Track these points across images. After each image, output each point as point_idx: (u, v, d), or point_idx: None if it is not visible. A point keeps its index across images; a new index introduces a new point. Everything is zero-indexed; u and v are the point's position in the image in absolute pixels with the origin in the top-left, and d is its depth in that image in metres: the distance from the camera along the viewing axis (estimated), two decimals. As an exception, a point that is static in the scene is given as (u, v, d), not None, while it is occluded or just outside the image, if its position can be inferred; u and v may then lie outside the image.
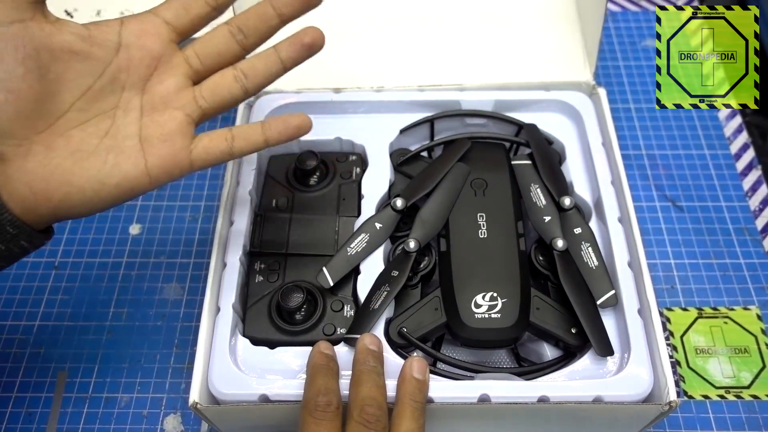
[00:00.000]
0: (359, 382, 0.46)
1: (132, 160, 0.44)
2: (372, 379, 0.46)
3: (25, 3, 0.40)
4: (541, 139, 0.60)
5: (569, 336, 0.50)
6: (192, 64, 0.48)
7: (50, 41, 0.42)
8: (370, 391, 0.45)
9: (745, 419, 0.57)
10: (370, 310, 0.51)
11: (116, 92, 0.45)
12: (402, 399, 0.45)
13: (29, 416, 0.59)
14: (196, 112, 0.47)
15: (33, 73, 0.41)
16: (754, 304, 0.63)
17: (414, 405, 0.45)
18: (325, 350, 0.48)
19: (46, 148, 0.42)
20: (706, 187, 0.70)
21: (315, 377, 0.46)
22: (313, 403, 0.44)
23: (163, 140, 0.45)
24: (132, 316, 0.64)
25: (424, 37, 0.69)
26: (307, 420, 0.44)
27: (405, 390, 0.46)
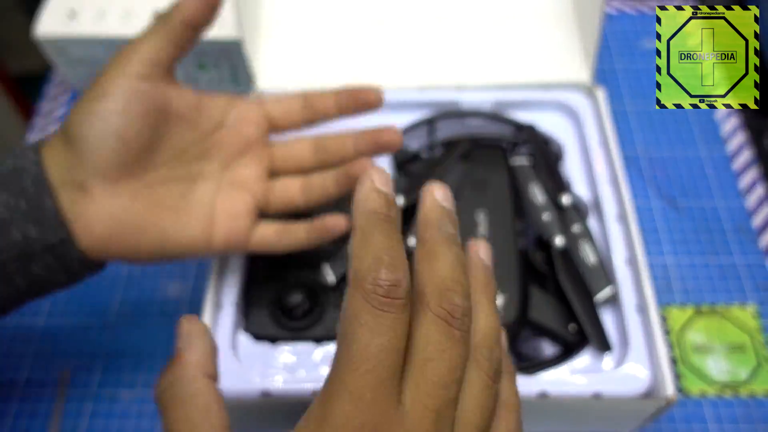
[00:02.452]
0: (434, 255, 0.31)
1: (200, 226, 0.47)
2: (453, 252, 0.31)
3: (161, 65, 0.44)
4: (540, 139, 0.61)
5: (568, 332, 0.51)
6: (275, 161, 0.51)
7: (170, 104, 0.45)
8: (453, 270, 0.30)
9: (740, 415, 0.58)
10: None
11: (204, 161, 0.48)
12: (474, 287, 0.34)
13: (33, 413, 0.59)
14: (262, 203, 0.50)
15: (148, 128, 0.44)
16: (750, 302, 0.64)
17: (489, 297, 0.35)
18: (381, 186, 0.32)
19: (131, 196, 0.44)
20: (703, 186, 0.71)
21: (371, 234, 0.30)
22: (372, 281, 0.28)
23: (231, 217, 0.48)
24: (134, 313, 0.64)
25: (424, 37, 0.69)
26: (361, 308, 0.28)
27: (475, 278, 0.35)
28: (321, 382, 0.47)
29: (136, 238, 0.44)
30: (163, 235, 0.45)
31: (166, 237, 0.45)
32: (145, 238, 0.45)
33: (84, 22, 0.71)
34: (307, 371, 0.50)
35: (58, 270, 0.43)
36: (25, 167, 0.42)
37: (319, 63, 0.67)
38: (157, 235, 0.45)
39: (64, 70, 0.76)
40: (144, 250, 0.45)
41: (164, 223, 0.45)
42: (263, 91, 0.64)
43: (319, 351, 0.51)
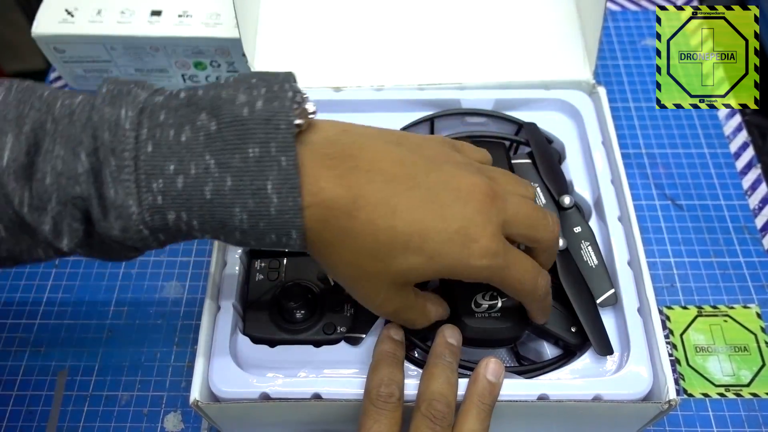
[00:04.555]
0: (432, 376, 0.45)
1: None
2: (445, 374, 0.45)
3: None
4: (541, 138, 0.60)
5: (569, 335, 0.50)
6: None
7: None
8: (441, 387, 0.45)
9: (744, 417, 0.57)
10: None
11: None
12: (470, 398, 0.45)
13: (30, 414, 0.59)
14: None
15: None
16: (753, 302, 0.63)
17: (481, 407, 0.45)
18: (394, 335, 0.48)
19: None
20: (705, 186, 0.70)
21: (380, 365, 0.46)
22: (376, 393, 0.45)
23: None
24: (132, 314, 0.64)
25: (424, 35, 0.69)
26: (369, 409, 0.45)
27: (475, 390, 0.46)
28: (320, 385, 0.47)
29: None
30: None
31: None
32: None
33: (81, 22, 0.71)
34: (306, 374, 0.50)
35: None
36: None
37: (319, 62, 0.67)
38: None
39: (61, 69, 0.76)
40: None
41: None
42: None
43: (318, 354, 0.51)
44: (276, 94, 0.37)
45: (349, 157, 0.39)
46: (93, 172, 0.36)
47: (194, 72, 0.75)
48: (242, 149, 0.36)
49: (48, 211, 0.36)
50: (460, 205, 0.40)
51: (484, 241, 0.40)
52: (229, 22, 0.70)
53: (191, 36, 0.70)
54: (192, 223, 0.37)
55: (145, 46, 0.72)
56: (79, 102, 0.38)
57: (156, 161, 0.36)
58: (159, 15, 0.71)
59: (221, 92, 0.38)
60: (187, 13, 0.71)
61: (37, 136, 0.37)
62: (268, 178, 0.36)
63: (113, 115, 0.36)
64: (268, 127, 0.36)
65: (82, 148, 0.36)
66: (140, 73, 0.76)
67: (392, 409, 0.44)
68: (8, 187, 0.36)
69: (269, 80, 0.38)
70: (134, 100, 0.37)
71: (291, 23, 0.70)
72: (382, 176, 0.39)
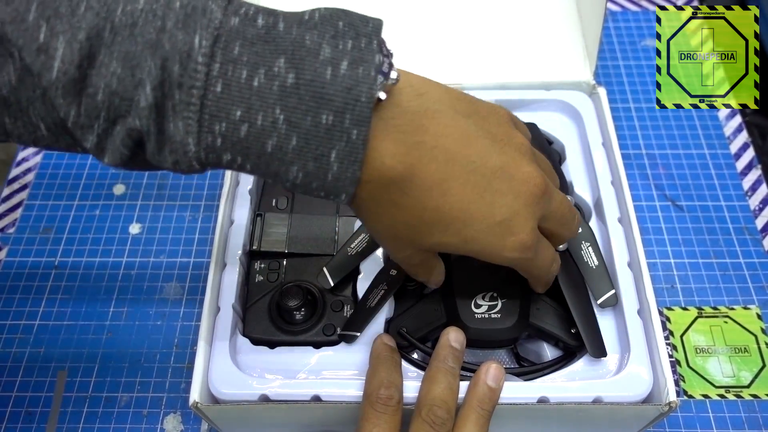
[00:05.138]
0: (434, 380, 0.46)
1: None
2: (447, 380, 0.46)
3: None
4: (541, 139, 0.60)
5: (569, 336, 0.50)
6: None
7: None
8: (442, 392, 0.45)
9: (745, 419, 0.57)
10: (366, 308, 0.51)
11: None
12: (470, 403, 0.45)
13: (29, 415, 0.59)
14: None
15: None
16: (754, 303, 0.63)
17: (480, 412, 0.45)
18: (387, 342, 0.49)
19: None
20: (706, 187, 0.70)
21: (378, 368, 0.47)
22: (375, 396, 0.45)
23: None
24: (132, 315, 0.64)
25: (424, 36, 0.69)
26: (368, 412, 0.45)
27: (474, 395, 0.46)
28: (319, 386, 0.47)
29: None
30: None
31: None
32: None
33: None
34: (305, 376, 0.50)
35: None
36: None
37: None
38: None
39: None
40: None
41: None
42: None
43: (317, 355, 0.51)
44: (362, 53, 0.35)
45: (419, 128, 0.38)
46: (156, 107, 0.34)
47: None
48: (316, 113, 0.34)
49: (95, 128, 0.35)
50: (511, 197, 0.40)
51: (523, 236, 0.41)
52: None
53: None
54: (245, 165, 0.36)
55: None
56: (141, 9, 0.34)
57: (223, 103, 0.34)
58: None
59: (305, 36, 0.35)
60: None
61: (92, 46, 0.33)
62: (335, 147, 0.35)
63: (186, 44, 0.33)
64: (349, 96, 0.34)
65: (147, 75, 0.33)
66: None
67: (392, 412, 0.44)
68: (55, 102, 0.34)
69: (357, 28, 0.36)
70: (209, 23, 0.34)
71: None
72: (445, 155, 0.38)
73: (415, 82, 0.39)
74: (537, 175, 0.41)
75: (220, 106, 0.34)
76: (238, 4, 0.35)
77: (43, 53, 0.33)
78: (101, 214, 0.70)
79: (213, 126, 0.34)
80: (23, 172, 0.74)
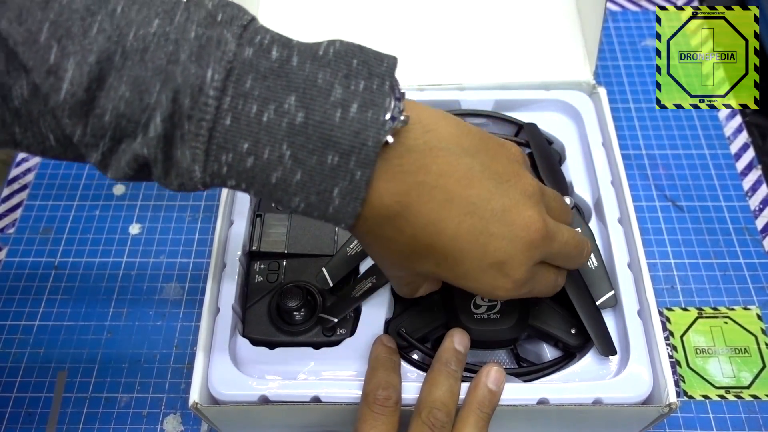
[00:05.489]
0: (435, 383, 0.46)
1: None
2: (448, 383, 0.46)
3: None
4: (541, 139, 0.60)
5: (568, 336, 0.50)
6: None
7: None
8: (443, 395, 0.45)
9: (745, 419, 0.57)
10: (350, 297, 0.51)
11: None
12: (470, 405, 0.45)
13: (29, 416, 0.59)
14: None
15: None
16: (754, 303, 0.63)
17: (480, 414, 0.45)
18: (387, 343, 0.49)
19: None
20: (706, 187, 0.70)
21: (376, 369, 0.47)
22: (372, 397, 0.45)
23: None
24: (132, 315, 0.64)
25: (424, 36, 0.69)
26: (365, 413, 0.45)
27: (474, 397, 0.46)
28: (319, 387, 0.47)
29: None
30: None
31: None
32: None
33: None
34: (305, 376, 0.50)
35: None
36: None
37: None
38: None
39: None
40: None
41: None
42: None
43: (317, 356, 0.51)
44: (374, 96, 0.35)
45: (421, 168, 0.38)
46: (165, 137, 0.34)
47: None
48: (322, 153, 0.35)
49: (99, 147, 0.35)
50: (507, 241, 0.39)
51: (516, 276, 0.41)
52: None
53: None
54: (249, 191, 0.36)
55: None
56: (154, 33, 0.34)
57: (231, 136, 0.34)
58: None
59: (318, 74, 0.35)
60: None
61: (102, 70, 0.34)
62: (338, 185, 0.35)
63: (198, 77, 0.34)
64: (356, 140, 0.35)
65: (156, 103, 0.34)
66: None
67: (389, 413, 0.45)
68: (62, 121, 0.34)
69: (371, 68, 0.36)
70: (223, 55, 0.34)
71: (290, 23, 0.69)
72: (444, 195, 0.38)
73: (424, 118, 0.39)
74: (537, 220, 0.40)
75: (227, 138, 0.34)
76: (253, 31, 0.36)
77: (52, 75, 0.33)
78: (101, 214, 0.70)
79: (220, 156, 0.35)
80: (23, 172, 0.74)
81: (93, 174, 0.73)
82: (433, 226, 0.38)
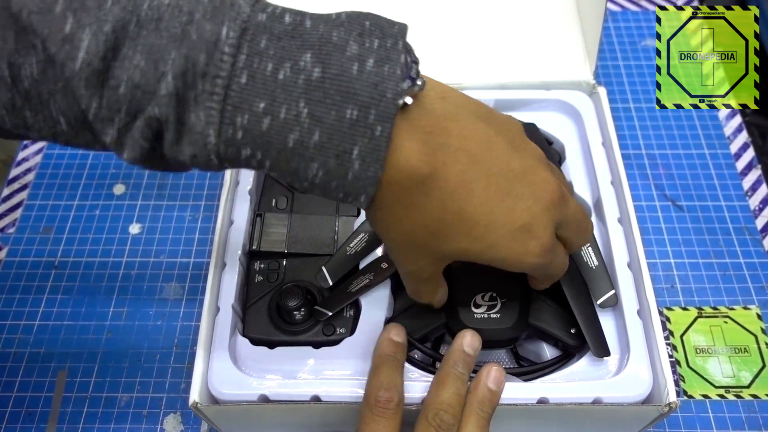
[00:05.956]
0: (443, 384, 0.45)
1: None
2: (456, 385, 0.45)
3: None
4: (541, 139, 0.60)
5: (568, 336, 0.50)
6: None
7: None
8: (450, 397, 0.45)
9: (744, 419, 0.57)
10: (346, 292, 0.51)
11: None
12: (470, 405, 0.45)
13: (29, 416, 0.59)
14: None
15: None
16: (754, 303, 0.63)
17: (480, 414, 0.45)
18: (394, 337, 0.48)
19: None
20: (706, 187, 0.70)
21: (379, 368, 0.46)
22: (374, 398, 0.44)
23: None
24: (132, 315, 0.64)
25: (424, 36, 0.69)
26: (366, 414, 0.44)
27: (475, 396, 0.46)
28: (319, 386, 0.47)
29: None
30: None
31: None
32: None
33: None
34: (305, 375, 0.50)
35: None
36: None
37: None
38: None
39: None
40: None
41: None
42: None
43: (317, 355, 0.51)
44: (389, 53, 0.35)
45: (443, 130, 0.38)
46: (177, 97, 0.34)
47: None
48: (341, 107, 0.34)
49: (115, 122, 0.34)
50: (531, 201, 0.40)
51: (544, 240, 0.40)
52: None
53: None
54: (264, 162, 0.36)
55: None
56: (168, 4, 0.34)
57: (247, 95, 0.34)
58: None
59: (332, 32, 0.35)
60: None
61: (117, 39, 0.33)
62: (357, 144, 0.35)
63: (213, 34, 0.33)
64: (375, 92, 0.34)
65: (170, 66, 0.33)
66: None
67: (390, 415, 0.44)
68: (77, 92, 0.33)
69: (384, 29, 0.36)
70: (237, 15, 0.34)
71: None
72: (468, 156, 0.38)
73: (437, 86, 0.39)
74: (554, 181, 0.41)
75: (243, 97, 0.34)
76: (265, 2, 0.36)
77: (68, 43, 0.33)
78: (101, 213, 0.70)
79: (235, 117, 0.34)
80: (23, 172, 0.74)
81: (93, 174, 0.73)
82: (463, 188, 0.38)
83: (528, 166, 0.40)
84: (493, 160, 0.39)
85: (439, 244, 0.40)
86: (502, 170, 0.39)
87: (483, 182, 0.39)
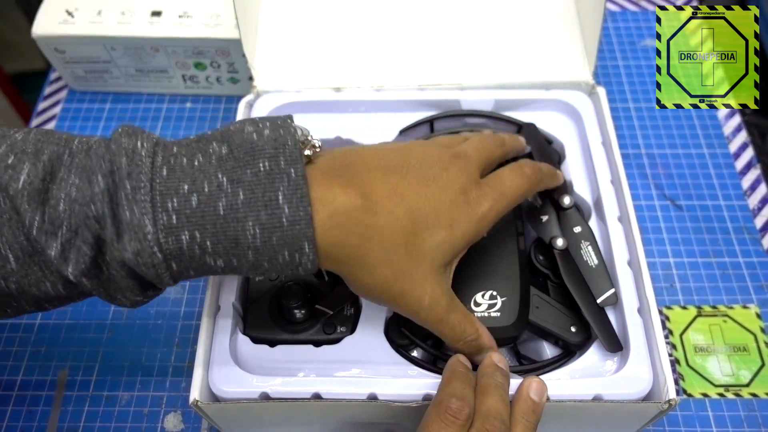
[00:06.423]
0: (486, 393, 0.45)
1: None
2: (499, 393, 0.45)
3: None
4: (541, 139, 0.60)
5: (569, 334, 0.50)
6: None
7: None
8: (496, 404, 0.44)
9: (743, 417, 0.57)
10: (347, 290, 0.51)
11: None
12: (515, 415, 0.45)
13: (30, 414, 0.59)
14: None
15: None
16: (753, 302, 0.63)
17: (526, 424, 0.45)
18: (464, 361, 0.48)
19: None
20: (705, 186, 0.70)
21: (453, 380, 0.45)
22: (446, 405, 0.43)
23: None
24: (132, 314, 0.64)
25: (424, 36, 0.69)
26: (434, 419, 0.43)
27: (519, 408, 0.45)
28: (320, 384, 0.47)
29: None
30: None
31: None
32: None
33: (82, 22, 0.71)
34: (305, 374, 0.50)
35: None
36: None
37: (319, 62, 0.67)
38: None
39: (62, 69, 0.76)
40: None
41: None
42: (261, 91, 0.64)
43: (318, 353, 0.51)
44: (280, 126, 0.41)
45: (350, 165, 0.43)
46: (108, 193, 0.37)
47: (194, 72, 0.75)
48: (253, 164, 0.38)
49: (58, 236, 0.37)
50: (445, 174, 0.45)
51: (477, 190, 0.46)
52: (230, 22, 0.70)
53: (191, 37, 0.70)
54: (205, 244, 0.38)
55: (145, 47, 0.72)
56: (96, 140, 0.40)
57: (170, 182, 0.38)
58: (159, 15, 0.71)
59: (229, 127, 0.41)
60: (188, 14, 0.71)
61: (54, 165, 0.38)
62: (279, 189, 0.38)
63: (130, 144, 0.38)
64: (276, 143, 0.39)
65: (99, 172, 0.38)
66: (140, 74, 0.76)
67: (459, 427, 0.42)
68: (21, 208, 0.37)
69: (272, 118, 0.42)
70: (149, 136, 0.40)
71: (291, 24, 0.70)
72: (381, 172, 0.43)
73: (335, 148, 0.46)
74: (440, 151, 0.47)
75: (168, 185, 0.38)
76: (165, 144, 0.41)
77: (11, 169, 0.38)
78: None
79: (165, 203, 0.38)
80: (24, 172, 0.74)
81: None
82: (394, 194, 0.43)
83: (424, 153, 0.47)
84: (400, 165, 0.45)
85: (417, 251, 0.43)
86: (411, 167, 0.45)
87: (404, 183, 0.44)
